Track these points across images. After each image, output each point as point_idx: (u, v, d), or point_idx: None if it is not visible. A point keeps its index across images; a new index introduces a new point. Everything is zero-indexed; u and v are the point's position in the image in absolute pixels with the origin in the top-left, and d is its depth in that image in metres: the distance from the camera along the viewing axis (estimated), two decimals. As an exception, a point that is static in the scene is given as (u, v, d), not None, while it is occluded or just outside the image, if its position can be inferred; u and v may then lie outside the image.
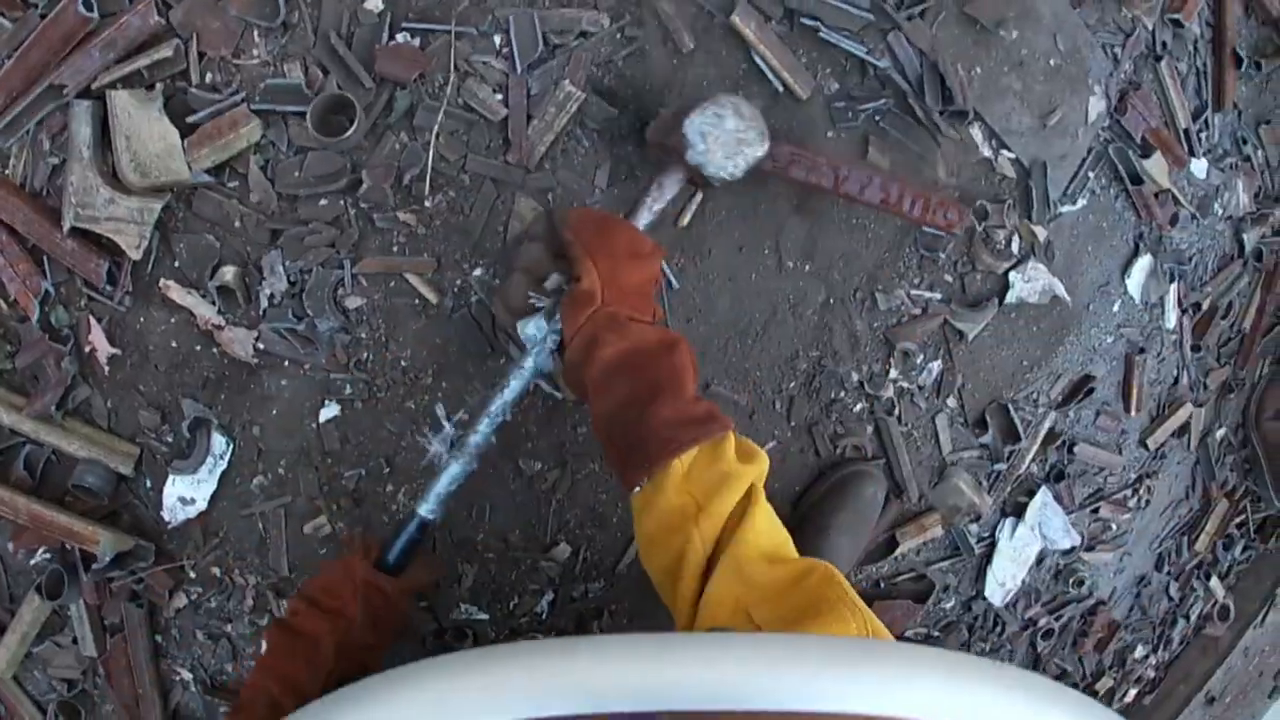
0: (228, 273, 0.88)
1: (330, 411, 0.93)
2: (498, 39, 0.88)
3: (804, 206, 0.98)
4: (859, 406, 1.07)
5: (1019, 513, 1.20)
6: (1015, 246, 1.06)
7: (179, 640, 1.02)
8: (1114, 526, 1.31)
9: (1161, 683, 1.51)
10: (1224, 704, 1.56)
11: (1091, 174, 1.08)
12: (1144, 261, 1.14)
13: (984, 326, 1.08)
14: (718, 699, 0.36)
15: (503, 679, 0.38)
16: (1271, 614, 1.49)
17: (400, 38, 0.86)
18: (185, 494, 0.94)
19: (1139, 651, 1.46)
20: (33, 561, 0.99)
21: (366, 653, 0.79)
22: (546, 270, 0.78)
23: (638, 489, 0.66)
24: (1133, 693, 1.49)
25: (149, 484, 0.95)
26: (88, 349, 0.91)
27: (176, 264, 0.89)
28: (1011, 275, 1.06)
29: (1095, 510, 1.27)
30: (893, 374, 1.07)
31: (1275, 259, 1.29)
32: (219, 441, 0.93)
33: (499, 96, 0.89)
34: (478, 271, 0.92)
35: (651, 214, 0.83)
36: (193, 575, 0.98)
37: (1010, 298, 1.07)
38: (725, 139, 0.80)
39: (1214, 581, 1.47)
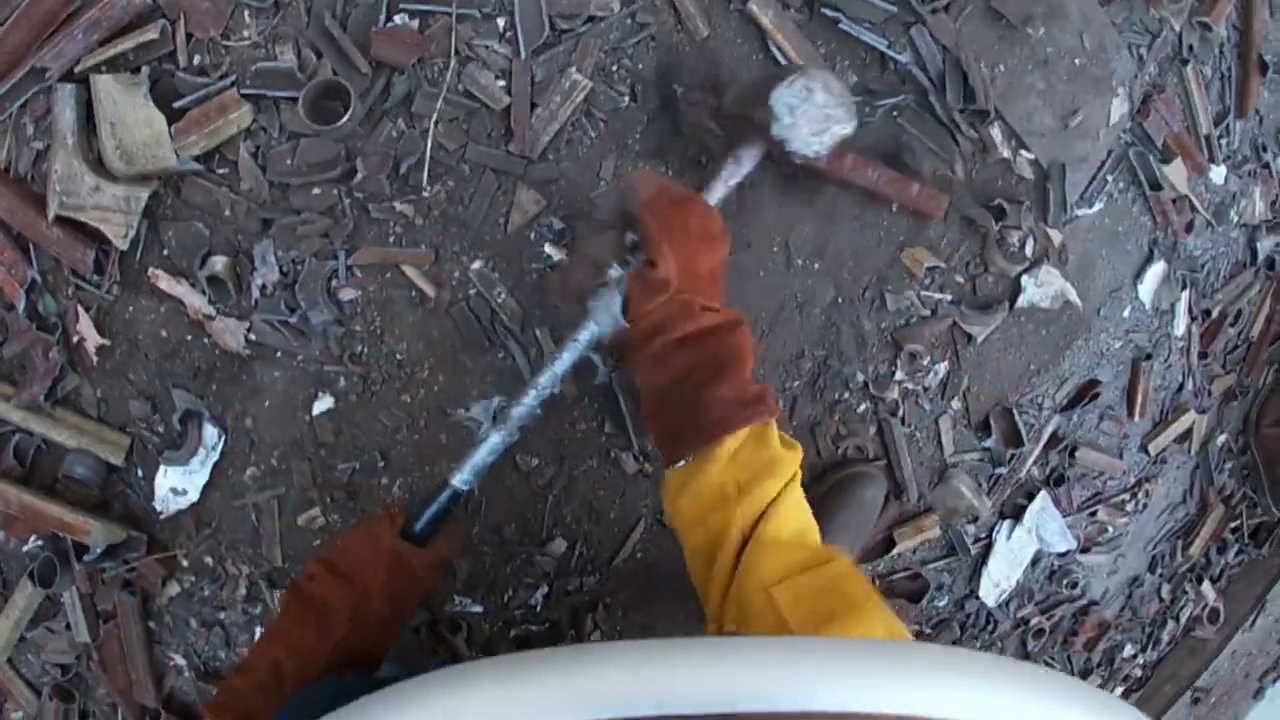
0: (218, 263, 0.85)
1: (324, 404, 0.91)
2: (501, 22, 0.84)
3: (814, 203, 0.96)
4: (863, 407, 1.06)
5: (1017, 515, 1.20)
6: (1029, 249, 1.03)
7: (172, 627, 1.02)
8: (1110, 529, 1.31)
9: (1148, 682, 1.53)
10: (1209, 704, 1.58)
11: (1110, 177, 1.05)
12: (1157, 268, 1.12)
13: (993, 330, 1.06)
14: (754, 700, 0.37)
15: (520, 688, 0.39)
16: (1261, 618, 1.50)
17: (398, 19, 0.82)
18: (177, 485, 0.92)
19: (1127, 650, 1.47)
20: (25, 548, 0.98)
21: (383, 627, 0.76)
22: (616, 253, 0.74)
23: (680, 463, 0.67)
24: (1119, 690, 1.51)
25: (140, 473, 0.94)
26: (76, 338, 0.89)
27: (165, 253, 0.86)
28: (1024, 279, 1.04)
29: (1093, 513, 1.27)
30: (898, 375, 1.05)
31: (1289, 267, 1.27)
32: (211, 433, 0.91)
33: (502, 83, 0.85)
34: (476, 264, 0.89)
35: (726, 188, 0.79)
36: (185, 564, 0.98)
37: (1021, 301, 1.04)
38: (813, 114, 0.75)
39: (1205, 585, 1.47)
